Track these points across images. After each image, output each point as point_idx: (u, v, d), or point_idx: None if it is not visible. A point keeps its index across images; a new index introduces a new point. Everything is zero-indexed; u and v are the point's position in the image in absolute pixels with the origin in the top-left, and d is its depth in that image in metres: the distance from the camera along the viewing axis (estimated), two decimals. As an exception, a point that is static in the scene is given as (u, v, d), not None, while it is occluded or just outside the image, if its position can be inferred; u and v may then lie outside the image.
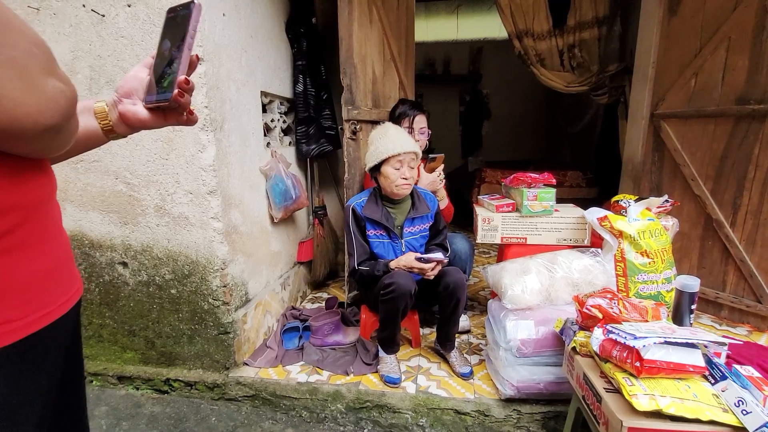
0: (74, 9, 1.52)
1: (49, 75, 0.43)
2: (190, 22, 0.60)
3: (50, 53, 0.44)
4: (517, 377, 1.46)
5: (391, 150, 1.62)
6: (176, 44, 0.60)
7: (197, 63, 0.64)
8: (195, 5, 0.60)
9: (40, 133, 0.44)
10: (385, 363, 1.70)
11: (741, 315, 2.06)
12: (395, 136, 1.67)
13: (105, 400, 1.75)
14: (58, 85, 0.44)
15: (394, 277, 1.57)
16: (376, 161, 1.66)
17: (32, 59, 0.41)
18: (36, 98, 0.42)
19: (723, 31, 1.97)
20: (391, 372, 1.66)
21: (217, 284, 1.68)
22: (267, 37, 2.03)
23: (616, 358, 1.06)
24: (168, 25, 0.63)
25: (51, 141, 0.48)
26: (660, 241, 1.50)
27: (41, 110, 0.42)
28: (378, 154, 1.65)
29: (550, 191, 1.73)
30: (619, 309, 1.18)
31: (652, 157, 2.34)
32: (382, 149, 1.64)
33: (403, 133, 1.72)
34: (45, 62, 0.43)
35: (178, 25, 0.61)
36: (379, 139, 1.68)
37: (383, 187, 1.71)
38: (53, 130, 0.46)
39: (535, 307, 1.53)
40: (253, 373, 1.74)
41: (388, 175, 1.65)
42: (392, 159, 1.63)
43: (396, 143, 1.63)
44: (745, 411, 0.92)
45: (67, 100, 0.46)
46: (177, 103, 0.60)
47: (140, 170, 1.63)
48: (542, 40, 3.42)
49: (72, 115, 0.49)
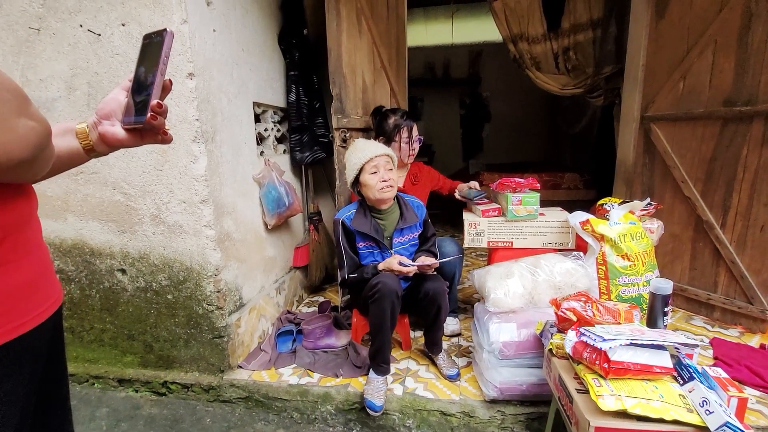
0: (72, 29, 1.60)
1: (21, 116, 0.49)
2: (163, 48, 0.65)
3: (23, 96, 0.50)
4: (500, 379, 1.49)
5: (362, 158, 1.67)
6: (151, 69, 0.65)
7: (170, 87, 0.69)
8: (167, 33, 0.65)
9: (13, 167, 0.50)
10: (370, 383, 1.62)
11: (733, 316, 2.06)
12: (363, 146, 1.72)
13: (106, 402, 1.81)
14: (29, 124, 0.50)
15: (380, 277, 1.60)
16: (353, 174, 1.71)
17: (4, 104, 0.47)
18: (8, 137, 0.47)
19: (709, 34, 1.98)
20: (374, 396, 1.56)
21: (211, 290, 1.74)
22: (259, 50, 2.10)
23: (586, 359, 1.09)
24: (144, 51, 0.68)
25: (26, 171, 0.54)
26: (641, 244, 1.52)
27: (13, 148, 0.48)
28: (352, 168, 1.70)
29: (534, 196, 1.75)
30: (593, 312, 1.20)
31: (644, 159, 2.35)
32: (354, 161, 1.69)
33: (371, 141, 1.78)
34: (17, 106, 0.49)
35: (153, 51, 0.66)
36: (351, 155, 1.74)
37: (368, 197, 1.73)
38: (26, 162, 0.52)
39: (518, 310, 1.56)
40: (246, 375, 1.79)
41: (368, 182, 1.68)
42: (366, 166, 1.67)
43: (364, 151, 1.68)
44: (708, 411, 0.94)
45: (38, 136, 0.52)
46: (150, 125, 0.65)
47: (136, 181, 1.70)
48: (537, 43, 3.44)
49: (44, 147, 0.54)
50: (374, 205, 1.75)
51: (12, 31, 1.65)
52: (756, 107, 1.85)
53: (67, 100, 1.68)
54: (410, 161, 2.13)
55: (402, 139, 2.01)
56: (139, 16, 1.54)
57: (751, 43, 1.86)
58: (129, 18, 1.55)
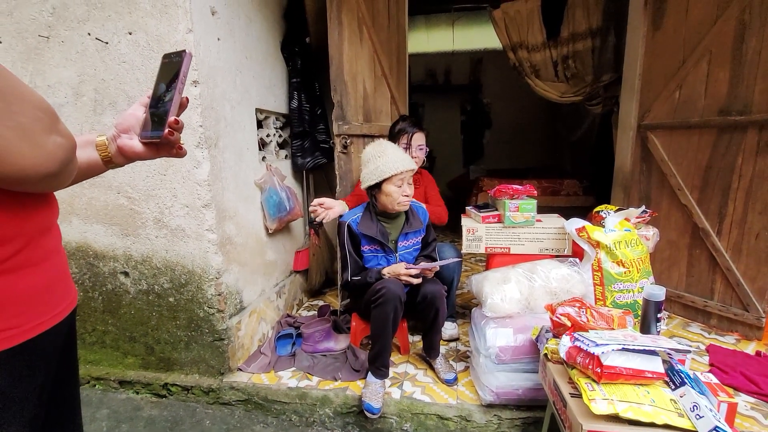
0: (80, 37, 1.64)
1: (51, 133, 0.53)
2: (182, 68, 0.68)
3: (53, 114, 0.54)
4: (496, 383, 1.51)
5: (393, 169, 1.64)
6: (169, 87, 0.69)
7: (187, 104, 0.72)
8: (186, 54, 0.68)
9: (41, 179, 0.54)
10: (369, 387, 1.64)
11: (729, 323, 2.07)
12: (394, 155, 1.68)
13: (107, 404, 1.83)
14: (57, 140, 0.54)
15: (385, 282, 1.63)
16: (378, 179, 1.66)
17: (37, 123, 0.51)
18: (39, 153, 0.52)
19: (704, 45, 2.02)
20: (372, 399, 1.58)
21: (212, 293, 1.76)
22: (262, 57, 2.14)
23: (580, 364, 1.11)
24: (163, 69, 0.71)
25: (51, 182, 0.59)
26: (636, 251, 1.54)
27: (42, 162, 0.52)
28: (379, 173, 1.66)
29: (531, 202, 1.78)
30: (587, 317, 1.22)
31: (641, 167, 2.38)
32: (383, 168, 1.65)
33: (401, 151, 1.74)
34: (48, 123, 0.53)
35: (171, 70, 0.69)
36: (378, 157, 1.69)
37: (383, 203, 1.72)
38: (53, 175, 0.56)
39: (515, 315, 1.58)
40: (246, 378, 1.81)
41: (391, 192, 1.68)
42: (394, 177, 1.66)
43: (396, 162, 1.66)
44: (698, 416, 0.96)
45: (65, 152, 0.56)
46: (167, 140, 0.69)
47: (140, 185, 1.73)
48: (536, 51, 3.49)
49: (70, 161, 0.58)
50: (384, 210, 1.77)
51: (22, 39, 1.69)
52: (750, 117, 1.88)
53: (74, 105, 1.72)
54: None
55: (401, 145, 2.04)
56: (146, 25, 1.58)
57: (745, 54, 1.89)
58: (136, 27, 1.59)
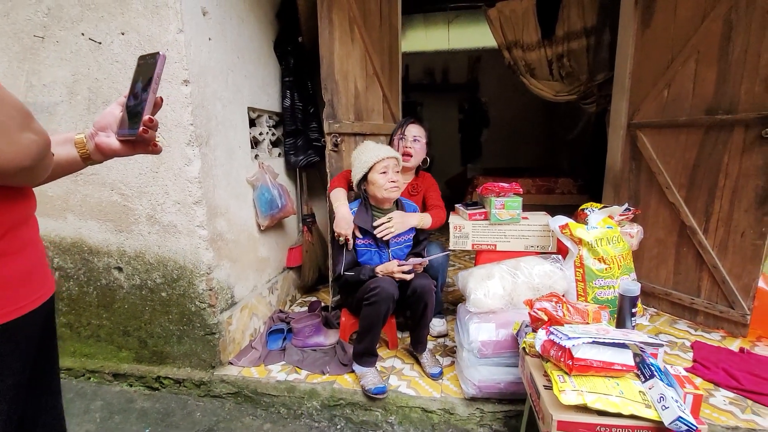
0: (74, 37, 1.68)
1: (25, 130, 0.57)
2: (155, 70, 0.72)
3: (26, 112, 0.58)
4: (478, 377, 1.54)
5: (374, 158, 1.74)
6: (144, 88, 0.72)
7: (161, 104, 0.76)
8: (160, 56, 0.72)
9: (16, 173, 0.58)
10: (366, 377, 1.69)
11: (716, 320, 2.09)
12: (374, 147, 1.80)
13: (101, 396, 1.88)
14: (31, 137, 0.58)
15: (379, 281, 1.66)
16: (363, 172, 1.77)
17: (11, 120, 0.55)
18: (13, 148, 0.56)
19: (692, 44, 2.03)
20: (377, 383, 1.65)
21: (203, 288, 1.80)
22: (255, 56, 2.17)
23: (553, 357, 1.14)
24: (138, 70, 0.74)
25: (26, 177, 0.63)
26: (617, 248, 1.57)
27: (16, 157, 0.57)
28: (363, 165, 1.77)
29: (516, 200, 1.81)
30: (563, 312, 1.25)
31: (630, 165, 2.40)
32: (365, 159, 1.76)
33: (381, 144, 1.84)
34: (21, 121, 0.57)
35: (147, 72, 0.73)
36: (361, 154, 1.81)
37: (373, 194, 1.79)
38: (27, 169, 0.60)
39: (498, 311, 1.61)
40: (236, 371, 1.85)
41: (376, 180, 1.75)
42: (377, 165, 1.74)
43: (376, 151, 1.76)
44: (664, 407, 0.99)
45: (38, 147, 0.60)
46: (142, 138, 0.72)
47: (133, 182, 1.77)
48: (531, 50, 3.50)
49: (43, 156, 0.62)
50: (377, 204, 1.82)
51: (18, 39, 1.73)
52: (736, 116, 1.90)
53: (68, 104, 1.76)
54: (405, 163, 2.02)
55: (396, 136, 2.08)
56: (138, 25, 1.61)
57: (731, 53, 1.90)
58: (128, 27, 1.63)
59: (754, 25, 1.82)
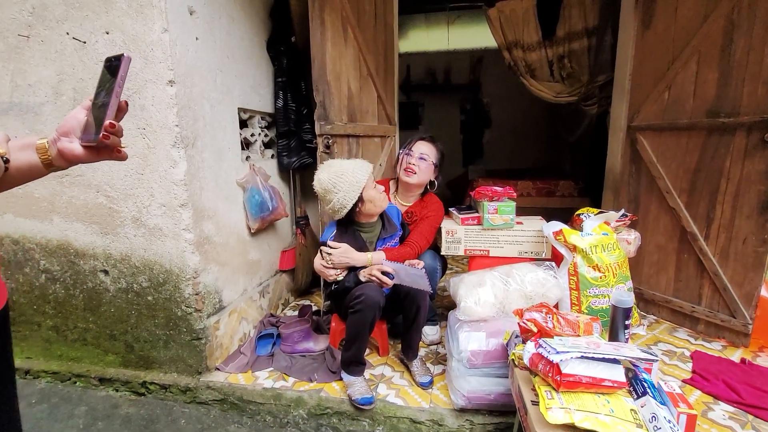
0: (59, 36, 1.65)
1: None
2: (119, 72, 0.68)
3: None
4: (468, 387, 1.49)
5: (365, 174, 1.63)
6: (108, 91, 0.68)
7: (126, 109, 0.72)
8: (124, 58, 0.68)
9: None
10: (353, 386, 1.63)
11: (717, 329, 2.03)
12: (354, 166, 1.65)
13: (86, 401, 1.85)
14: None
15: (364, 288, 1.61)
16: (356, 195, 1.62)
17: None
18: None
19: (693, 45, 1.98)
20: (364, 393, 1.60)
21: (189, 292, 1.77)
22: (246, 56, 2.13)
23: (541, 371, 1.09)
24: (104, 73, 0.70)
25: None
26: (612, 256, 1.52)
27: None
28: (353, 190, 1.61)
29: (510, 205, 1.76)
30: (553, 323, 1.20)
31: (630, 168, 2.34)
32: (354, 181, 1.61)
33: (349, 161, 1.70)
34: None
35: (111, 74, 0.69)
36: (342, 179, 1.61)
37: (369, 212, 1.72)
38: None
39: (489, 319, 1.56)
40: (223, 378, 1.81)
41: (373, 197, 1.68)
42: (369, 181, 1.66)
43: (360, 169, 1.64)
44: (656, 427, 0.94)
45: None
46: (103, 144, 0.68)
47: (119, 184, 1.74)
48: (532, 51, 3.45)
49: None
50: (363, 220, 1.77)
51: (2, 38, 1.71)
52: (738, 119, 1.84)
53: (54, 104, 1.73)
54: (407, 179, 1.93)
55: (403, 152, 1.98)
56: (122, 24, 1.58)
57: (733, 54, 1.85)
58: (113, 27, 1.59)
59: (758, 26, 1.76)
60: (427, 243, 1.86)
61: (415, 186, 1.99)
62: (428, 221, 1.92)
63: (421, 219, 1.94)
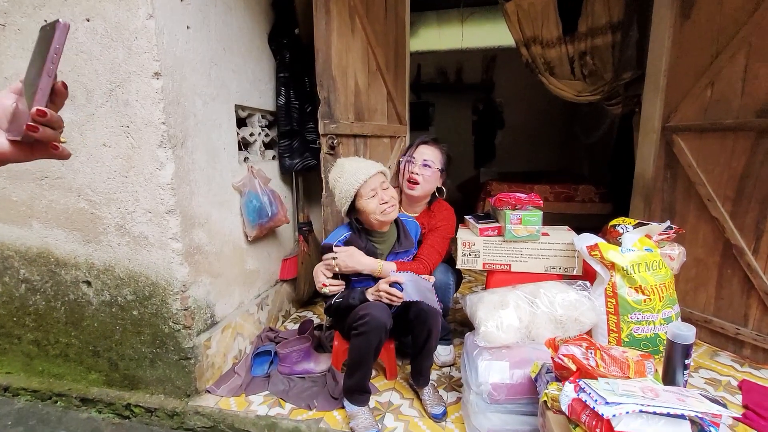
0: (36, 24, 1.50)
1: None
2: (52, 44, 0.51)
3: None
4: (488, 426, 1.30)
5: (354, 183, 1.49)
6: (38, 70, 0.52)
7: (65, 92, 0.55)
8: (60, 25, 0.51)
9: None
10: (357, 418, 1.46)
11: (766, 355, 1.81)
12: (351, 169, 1.53)
13: (65, 423, 1.69)
14: None
15: (369, 308, 1.42)
16: (348, 202, 1.53)
17: None
18: None
19: (742, 36, 1.76)
20: (369, 427, 1.43)
21: (177, 307, 1.60)
22: (245, 49, 1.97)
23: (585, 423, 0.89)
24: (38, 46, 0.54)
25: None
26: (658, 276, 1.31)
27: None
28: (346, 196, 1.52)
29: (536, 214, 1.56)
30: (596, 361, 1.00)
31: (664, 173, 2.12)
32: (346, 188, 1.52)
33: (359, 161, 1.57)
34: None
35: (43, 48, 0.52)
36: (338, 180, 1.55)
37: (369, 223, 1.57)
38: None
39: (513, 346, 1.37)
40: (213, 402, 1.64)
41: (367, 207, 1.51)
42: (362, 191, 1.50)
43: (356, 173, 1.50)
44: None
45: None
46: (31, 138, 0.52)
47: (101, 187, 1.58)
48: (551, 47, 3.25)
49: None
50: (373, 229, 1.60)
51: (-23, 27, 1.56)
52: (797, 119, 1.62)
53: (32, 100, 1.58)
54: (410, 192, 1.80)
55: (404, 158, 1.87)
56: (104, 10, 1.42)
57: (791, 46, 1.63)
58: (93, 13, 1.43)
59: (823, 12, 1.54)
60: (439, 257, 1.67)
61: (420, 197, 1.83)
62: (439, 232, 1.74)
63: (431, 230, 1.76)
